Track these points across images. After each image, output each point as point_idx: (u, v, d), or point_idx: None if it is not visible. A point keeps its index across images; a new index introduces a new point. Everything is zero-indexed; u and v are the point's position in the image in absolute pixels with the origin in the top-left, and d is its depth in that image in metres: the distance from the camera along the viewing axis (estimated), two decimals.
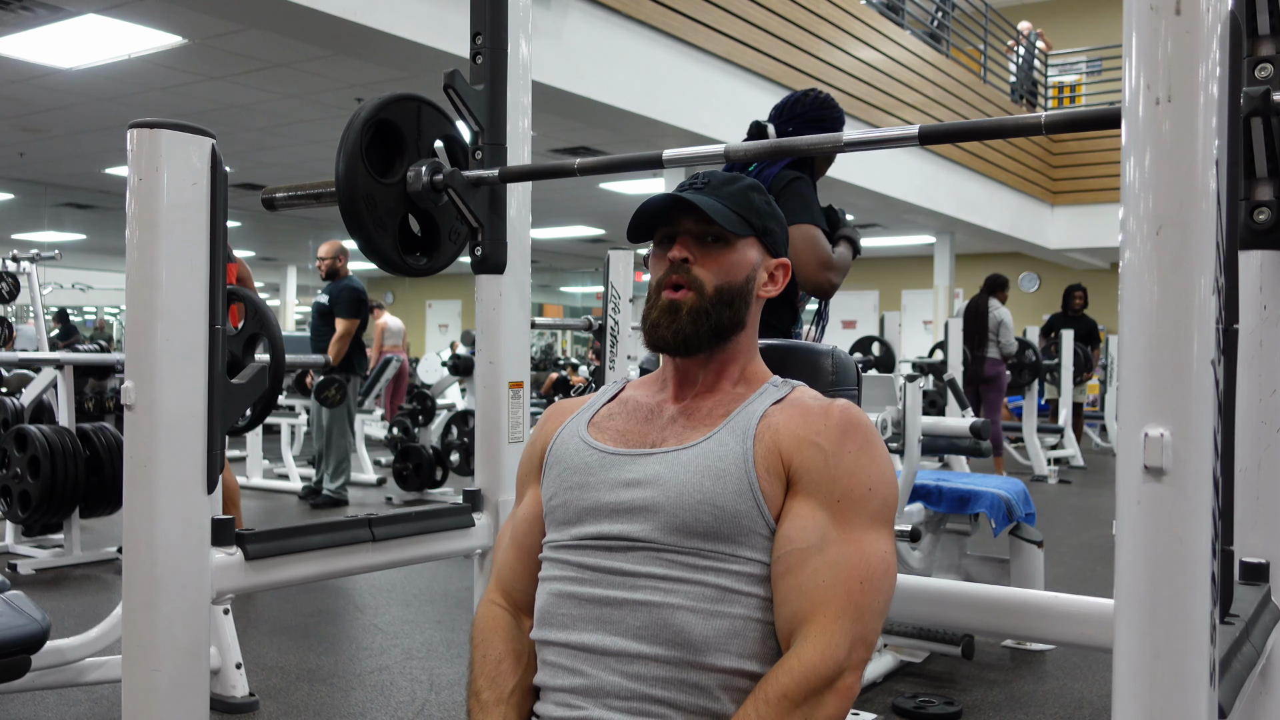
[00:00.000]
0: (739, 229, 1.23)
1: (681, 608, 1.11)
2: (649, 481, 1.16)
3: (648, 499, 1.15)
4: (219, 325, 1.27)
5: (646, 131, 6.77)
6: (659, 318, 1.22)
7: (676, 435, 1.21)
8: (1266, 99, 1.13)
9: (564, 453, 1.25)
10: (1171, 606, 0.73)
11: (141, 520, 1.23)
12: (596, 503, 1.18)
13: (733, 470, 1.14)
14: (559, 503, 1.22)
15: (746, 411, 1.20)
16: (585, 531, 1.18)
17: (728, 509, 1.13)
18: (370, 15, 4.83)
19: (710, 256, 1.23)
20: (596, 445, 1.23)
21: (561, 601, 1.17)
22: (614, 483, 1.18)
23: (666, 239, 1.25)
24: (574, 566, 1.18)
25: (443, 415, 7.81)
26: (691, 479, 1.15)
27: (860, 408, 1.43)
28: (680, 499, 1.14)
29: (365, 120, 1.54)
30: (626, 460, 1.20)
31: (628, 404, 1.29)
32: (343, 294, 6.19)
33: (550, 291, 21.60)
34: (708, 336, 1.21)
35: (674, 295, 1.22)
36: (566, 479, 1.22)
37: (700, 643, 1.11)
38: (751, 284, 1.25)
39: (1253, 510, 1.28)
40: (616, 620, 1.13)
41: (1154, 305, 0.74)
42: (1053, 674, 3.31)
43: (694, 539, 1.13)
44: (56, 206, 11.85)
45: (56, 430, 4.33)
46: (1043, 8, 14.08)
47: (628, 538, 1.15)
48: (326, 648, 3.61)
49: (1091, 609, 1.24)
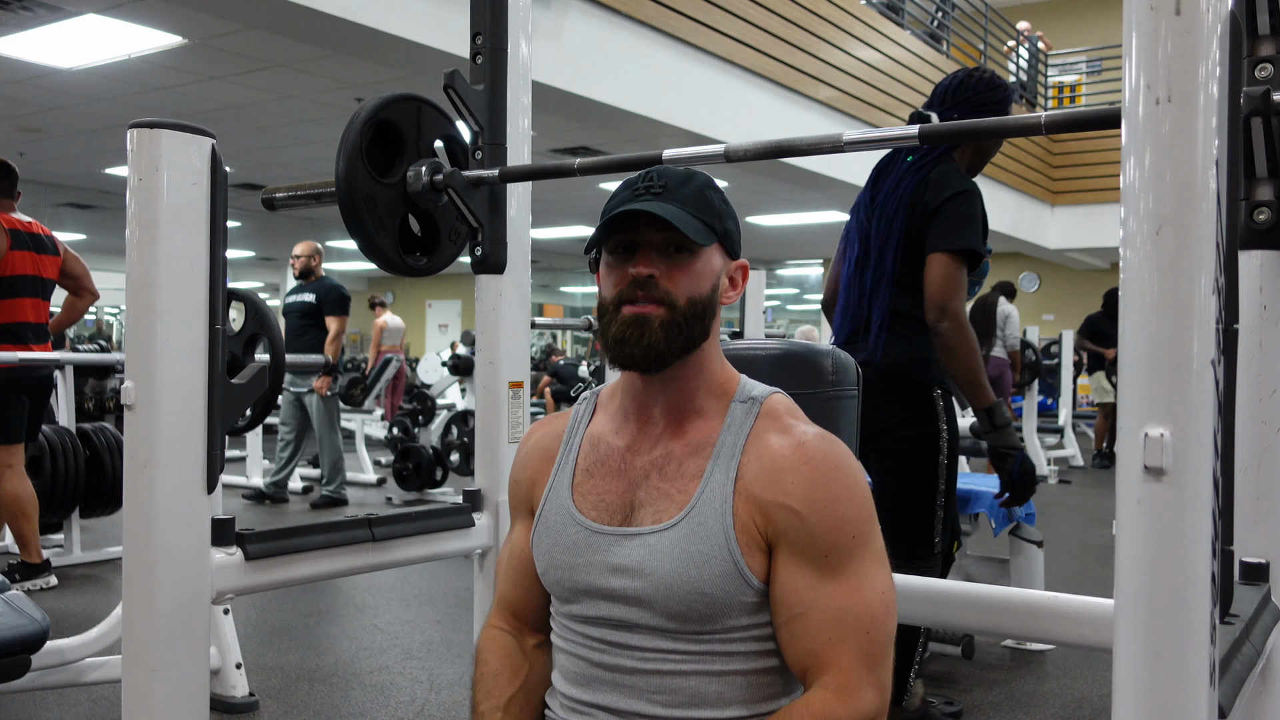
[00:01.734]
0: (704, 238, 1.13)
1: (694, 673, 1.12)
2: (635, 570, 1.13)
3: (637, 590, 1.12)
4: (219, 325, 1.27)
5: (646, 131, 6.76)
6: (624, 332, 1.12)
7: (653, 502, 1.15)
8: (1266, 99, 1.13)
9: (553, 524, 1.21)
10: (1171, 606, 0.73)
11: (141, 520, 1.23)
12: (589, 585, 1.16)
13: (716, 553, 1.10)
14: (552, 579, 1.20)
15: (719, 469, 1.13)
16: (585, 612, 1.17)
17: (715, 594, 1.10)
18: (370, 15, 4.83)
19: (677, 268, 1.13)
20: (581, 521, 1.18)
21: (578, 663, 1.18)
22: (602, 566, 1.15)
23: (621, 248, 1.15)
24: (584, 637, 1.18)
25: (443, 415, 7.82)
26: (676, 568, 1.10)
27: (860, 409, 1.43)
28: (670, 591, 1.11)
29: (365, 120, 1.54)
30: (611, 541, 1.15)
31: (600, 448, 1.21)
32: (331, 293, 6.17)
33: (550, 291, 21.60)
34: (679, 350, 1.13)
35: (640, 309, 1.12)
36: (556, 557, 1.19)
37: (715, 700, 1.12)
38: (716, 293, 1.17)
39: (1253, 510, 1.28)
40: (631, 685, 1.13)
41: (1154, 305, 0.74)
42: (1053, 674, 3.31)
43: (691, 623, 1.12)
44: (56, 206, 11.84)
45: (56, 430, 4.33)
46: (1043, 8, 14.07)
47: (628, 621, 1.14)
48: (326, 648, 3.61)
49: (1091, 609, 1.24)
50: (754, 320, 4.34)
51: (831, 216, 11.76)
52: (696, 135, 6.72)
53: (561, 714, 1.20)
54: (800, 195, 9.99)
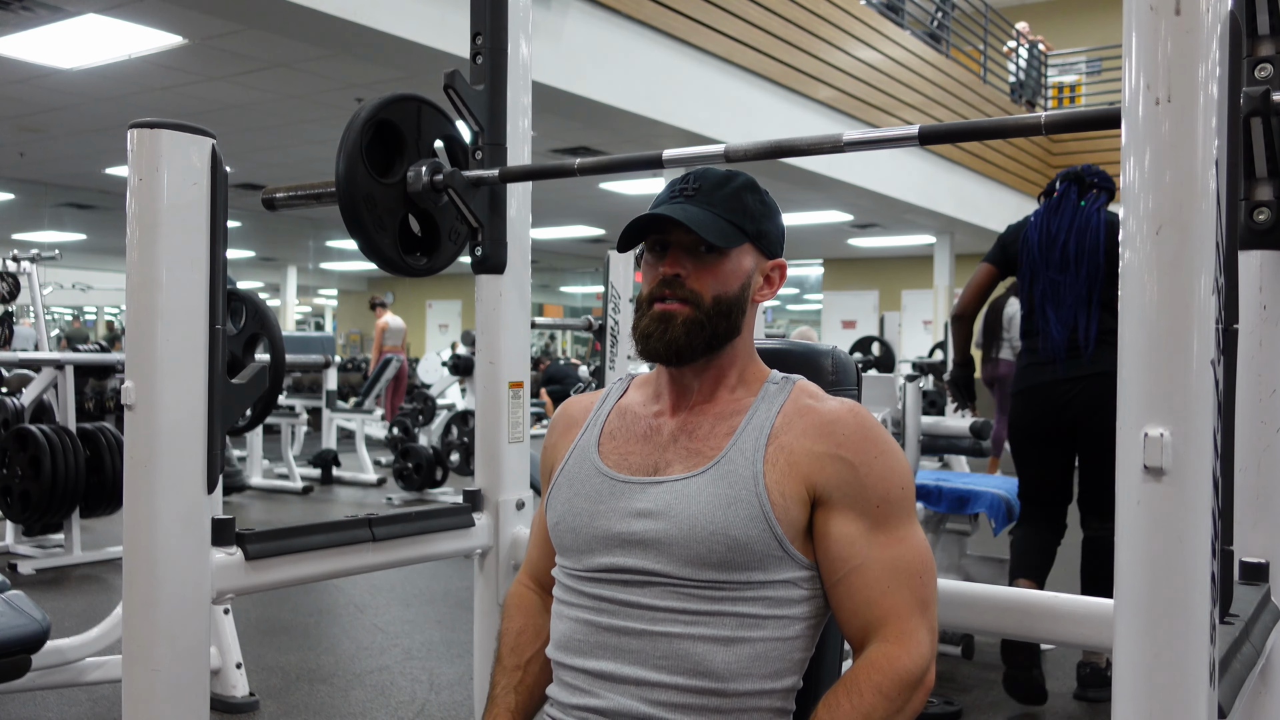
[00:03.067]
0: (732, 240, 1.19)
1: (703, 638, 1.12)
2: (659, 513, 1.14)
3: (659, 531, 1.13)
4: (219, 325, 1.27)
5: (646, 131, 6.76)
6: (650, 327, 1.19)
7: (681, 460, 1.18)
8: (1266, 99, 1.13)
9: (574, 474, 1.23)
10: (1171, 606, 0.73)
11: (141, 520, 1.23)
12: (607, 532, 1.17)
13: (743, 496, 1.12)
14: (566, 528, 1.21)
15: (752, 427, 1.17)
16: (599, 563, 1.17)
17: (740, 538, 1.11)
18: (370, 15, 4.83)
19: (704, 268, 1.19)
20: (606, 471, 1.21)
21: (580, 628, 1.17)
22: (624, 512, 1.16)
23: (658, 246, 1.21)
24: (591, 598, 1.17)
25: (443, 415, 7.82)
26: (703, 510, 1.12)
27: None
28: (693, 532, 1.12)
29: (365, 120, 1.54)
30: (636, 489, 1.17)
31: (626, 417, 1.26)
32: None
33: (550, 291, 21.61)
34: (701, 347, 1.18)
35: (666, 306, 1.18)
36: (576, 505, 1.21)
37: (722, 670, 1.11)
38: (747, 291, 1.22)
39: (1253, 510, 1.28)
40: (636, 650, 1.13)
41: (1154, 305, 0.74)
42: (1053, 674, 3.31)
43: (709, 570, 1.12)
44: (56, 206, 11.84)
45: (57, 430, 4.33)
46: (1043, 8, 14.07)
47: (643, 571, 1.14)
48: (326, 648, 3.61)
49: (1091, 609, 1.24)
50: None
51: (832, 216, 11.77)
52: (696, 135, 6.72)
53: (561, 695, 1.18)
54: (800, 195, 9.99)
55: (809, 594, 1.15)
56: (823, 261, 16.63)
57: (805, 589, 1.15)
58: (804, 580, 1.15)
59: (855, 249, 14.97)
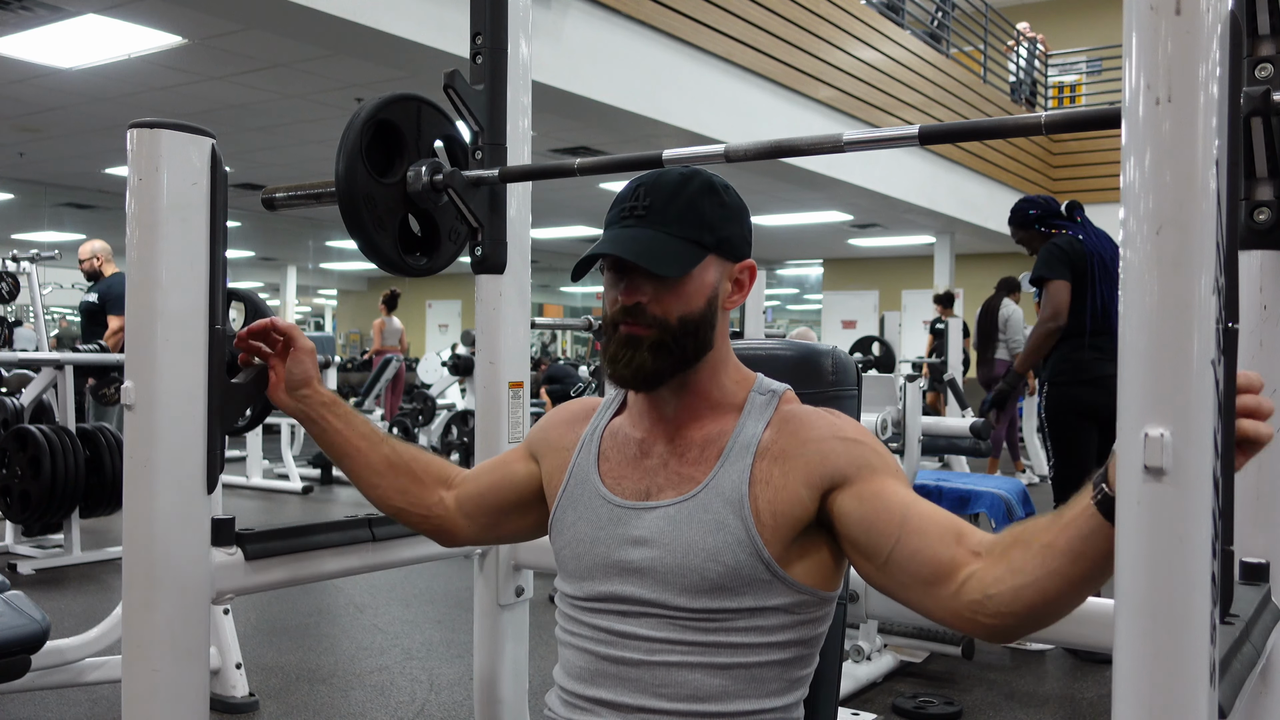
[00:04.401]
0: (689, 263, 1.13)
1: (699, 666, 1.12)
2: (653, 540, 1.14)
3: (653, 559, 1.13)
4: (219, 325, 1.27)
5: (646, 131, 6.76)
6: (617, 352, 1.15)
7: (673, 483, 1.17)
8: (1266, 99, 1.13)
9: (577, 496, 1.22)
10: (1171, 606, 0.73)
11: (141, 520, 1.23)
12: (606, 559, 1.17)
13: (730, 522, 1.11)
14: (571, 554, 1.21)
15: (739, 445, 1.15)
16: (597, 590, 1.17)
17: (730, 563, 1.11)
18: (370, 15, 4.83)
19: (665, 291, 1.13)
20: (606, 495, 1.20)
21: (582, 657, 1.18)
22: (621, 539, 1.16)
23: (614, 268, 1.16)
24: (591, 628, 1.18)
25: (443, 415, 7.82)
26: (694, 536, 1.12)
27: (860, 409, 1.44)
28: (686, 559, 1.12)
29: (365, 120, 1.54)
30: (632, 514, 1.17)
31: (617, 438, 1.24)
32: (113, 290, 5.89)
33: (550, 291, 21.59)
34: (671, 369, 1.14)
35: (631, 329, 1.14)
36: (580, 531, 1.20)
37: (717, 694, 1.12)
38: (715, 303, 1.16)
39: (1253, 510, 1.28)
40: (635, 679, 1.14)
41: (1154, 305, 0.74)
42: (1053, 674, 3.31)
43: (703, 598, 1.11)
44: (56, 206, 11.84)
45: (56, 430, 4.33)
46: (1043, 8, 14.07)
47: (640, 600, 1.14)
48: (326, 648, 3.61)
49: (1091, 609, 1.23)
50: (754, 320, 4.35)
51: (832, 216, 11.77)
52: (696, 135, 6.72)
53: (562, 711, 1.19)
54: (800, 195, 9.99)
55: (802, 619, 1.15)
56: (823, 261, 16.63)
57: (798, 614, 1.14)
58: (796, 605, 1.14)
59: (855, 249, 14.97)
